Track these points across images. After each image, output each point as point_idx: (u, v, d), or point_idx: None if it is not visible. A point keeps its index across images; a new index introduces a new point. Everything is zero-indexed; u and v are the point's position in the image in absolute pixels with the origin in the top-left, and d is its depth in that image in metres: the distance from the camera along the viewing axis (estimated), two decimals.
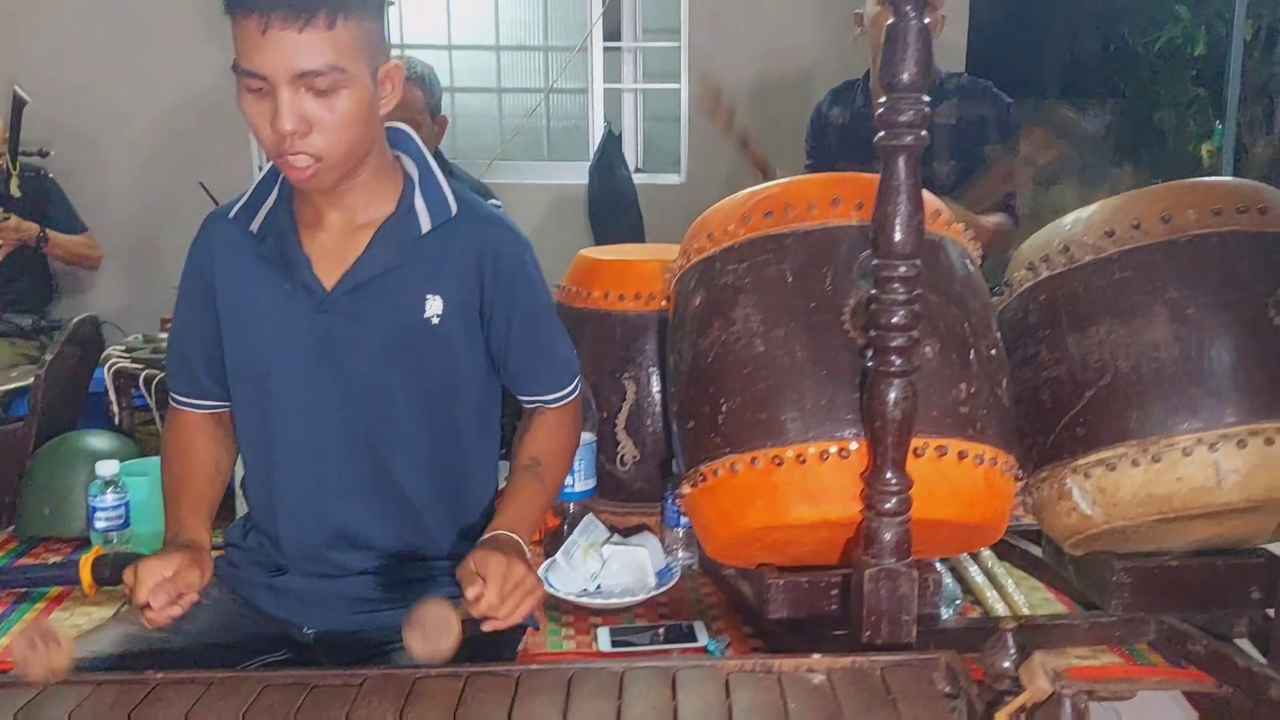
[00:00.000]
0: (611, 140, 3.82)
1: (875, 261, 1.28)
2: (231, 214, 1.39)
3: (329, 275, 1.34)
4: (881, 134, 1.23)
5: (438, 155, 2.76)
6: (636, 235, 3.73)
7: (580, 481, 1.83)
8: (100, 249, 3.34)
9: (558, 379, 1.48)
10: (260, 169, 1.49)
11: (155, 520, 1.68)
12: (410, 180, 1.39)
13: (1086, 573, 1.61)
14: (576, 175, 3.86)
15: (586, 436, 1.81)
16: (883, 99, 1.23)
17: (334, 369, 1.35)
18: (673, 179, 3.90)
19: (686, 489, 1.47)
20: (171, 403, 1.48)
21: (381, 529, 1.40)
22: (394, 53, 1.48)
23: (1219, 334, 1.42)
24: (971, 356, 1.42)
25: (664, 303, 1.68)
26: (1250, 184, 1.52)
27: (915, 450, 1.31)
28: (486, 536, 1.30)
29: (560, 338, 1.50)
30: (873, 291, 1.28)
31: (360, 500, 1.39)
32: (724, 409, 1.42)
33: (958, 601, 1.68)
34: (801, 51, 3.61)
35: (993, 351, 1.47)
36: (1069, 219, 1.61)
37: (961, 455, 1.35)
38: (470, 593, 1.17)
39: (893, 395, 1.27)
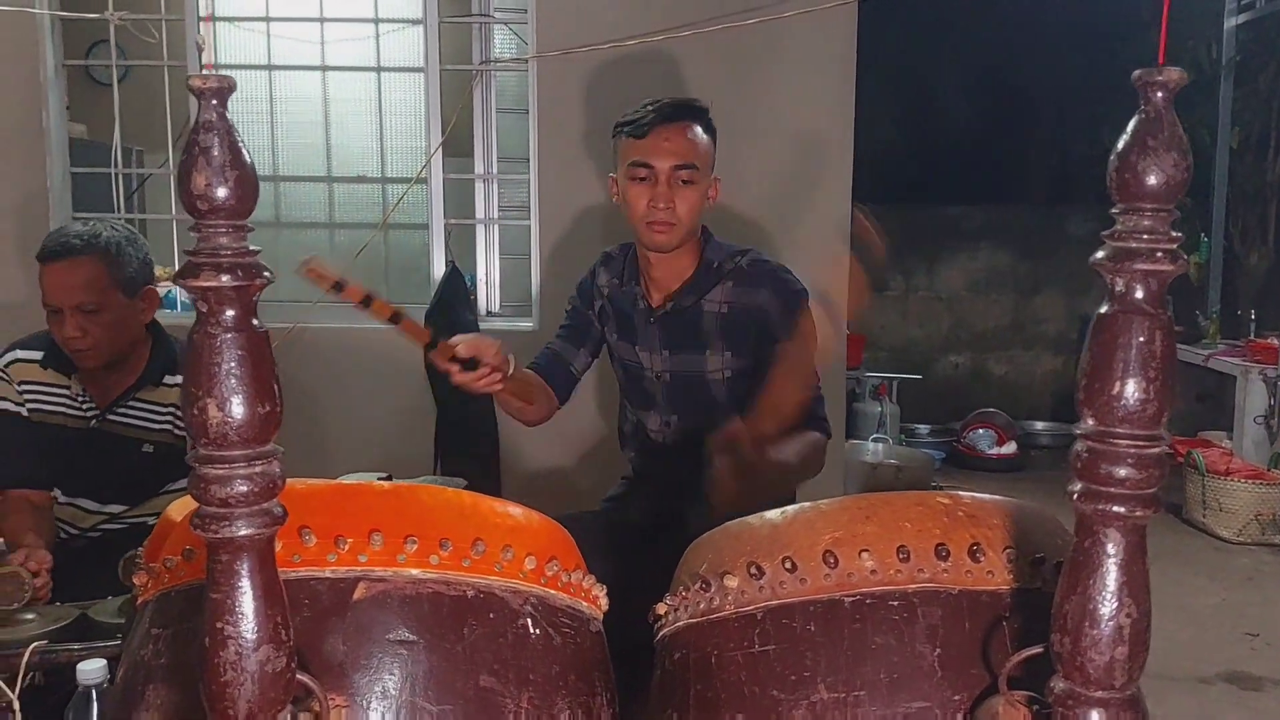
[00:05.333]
0: (455, 279, 3.35)
1: None
2: None
3: None
4: None
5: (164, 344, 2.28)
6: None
7: None
8: None
9: None
10: None
11: None
12: None
13: None
14: (417, 319, 3.38)
15: None
16: None
17: None
18: (525, 324, 3.41)
19: None
20: None
21: None
22: None
23: None
24: None
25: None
26: (973, 503, 0.99)
27: None
28: None
29: None
30: None
31: None
32: None
33: None
34: None
35: None
36: (764, 518, 1.06)
37: None
38: None
39: None
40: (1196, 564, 4.45)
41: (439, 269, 3.40)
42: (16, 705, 1.48)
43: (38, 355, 2.23)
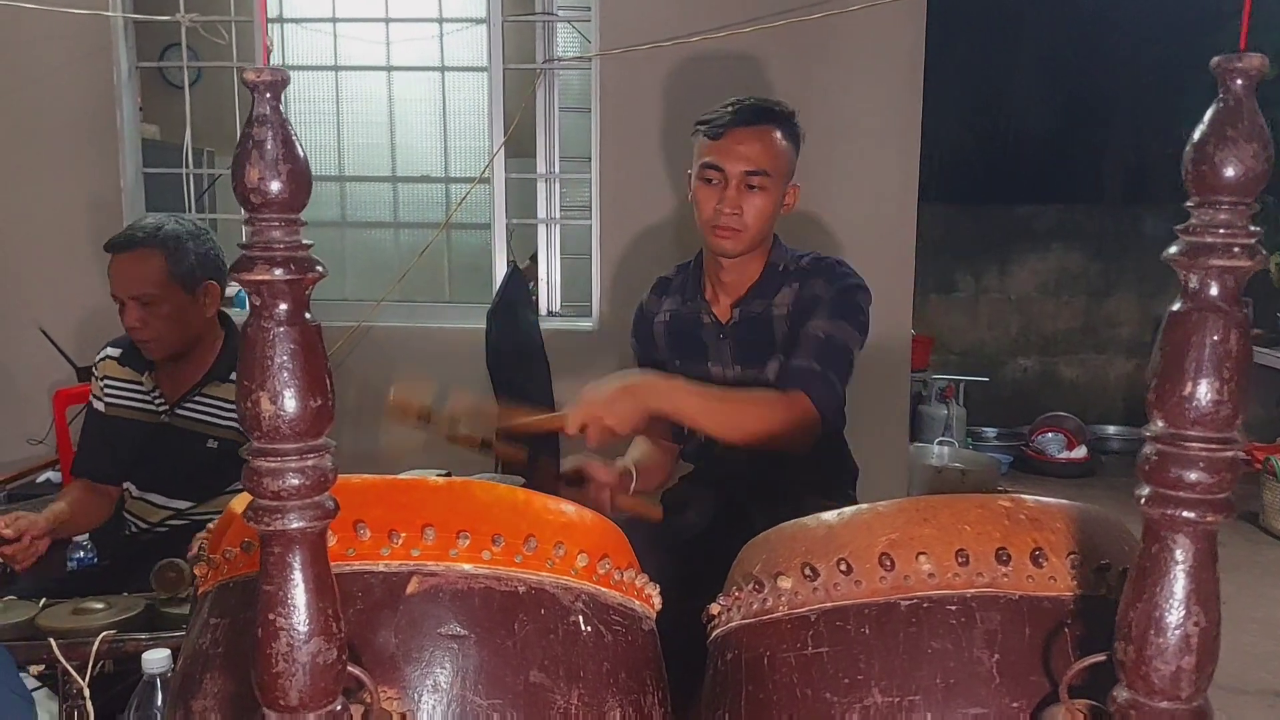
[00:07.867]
0: (516, 279, 3.36)
1: None
2: None
3: None
4: None
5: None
6: (543, 391, 3.25)
7: None
8: None
9: None
10: None
11: None
12: None
13: None
14: (479, 318, 3.41)
15: None
16: None
17: None
18: (585, 324, 3.41)
19: None
20: None
21: None
22: None
23: None
24: None
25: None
26: (1036, 506, 0.96)
27: None
28: None
29: None
30: None
31: None
32: None
33: None
34: None
35: None
36: (820, 519, 1.04)
37: None
38: None
39: None
40: (1275, 574, 4.31)
41: (501, 268, 3.42)
42: (87, 692, 1.52)
43: (117, 352, 2.31)
